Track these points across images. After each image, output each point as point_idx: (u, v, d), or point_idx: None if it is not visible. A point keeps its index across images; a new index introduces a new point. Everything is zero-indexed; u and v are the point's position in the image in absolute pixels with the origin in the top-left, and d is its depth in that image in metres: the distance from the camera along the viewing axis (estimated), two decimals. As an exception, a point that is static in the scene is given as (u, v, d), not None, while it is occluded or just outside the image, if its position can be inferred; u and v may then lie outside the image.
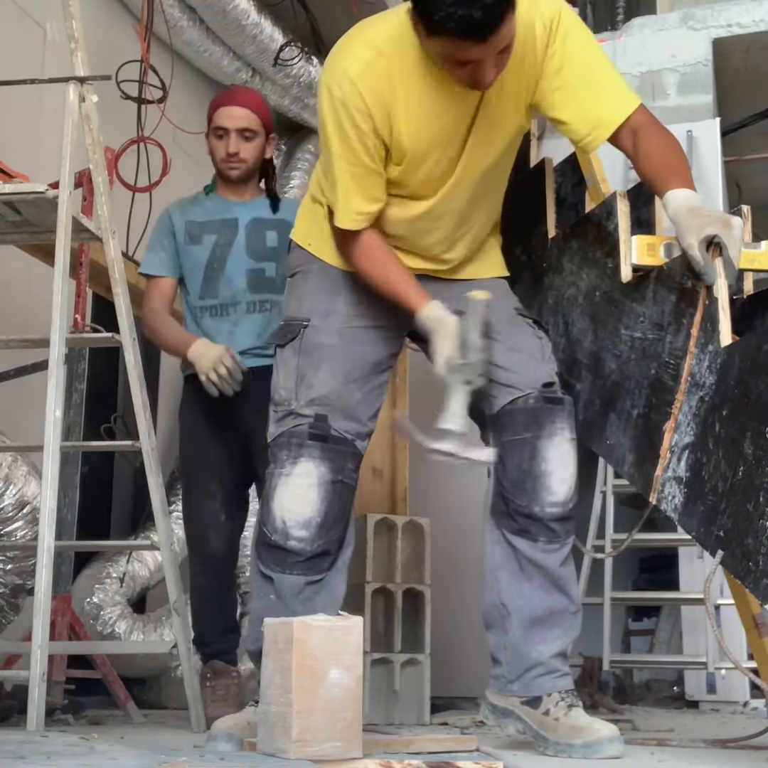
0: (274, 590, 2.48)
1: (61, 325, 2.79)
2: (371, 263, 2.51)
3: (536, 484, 2.47)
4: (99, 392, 4.39)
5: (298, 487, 2.45)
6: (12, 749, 2.00)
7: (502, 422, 2.52)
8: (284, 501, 2.45)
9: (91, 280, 3.72)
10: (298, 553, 2.45)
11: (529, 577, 2.48)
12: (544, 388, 2.52)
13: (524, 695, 2.46)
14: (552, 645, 2.47)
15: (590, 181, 2.81)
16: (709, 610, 2.34)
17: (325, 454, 2.47)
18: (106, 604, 4.19)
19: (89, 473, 4.40)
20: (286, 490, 2.46)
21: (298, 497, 2.45)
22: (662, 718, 4.07)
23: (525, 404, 2.50)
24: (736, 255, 2.19)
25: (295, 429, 2.48)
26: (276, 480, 2.47)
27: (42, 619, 2.58)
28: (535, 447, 2.48)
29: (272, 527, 2.47)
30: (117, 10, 4.96)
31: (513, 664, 2.48)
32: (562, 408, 2.52)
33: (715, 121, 5.78)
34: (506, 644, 2.49)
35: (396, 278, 2.49)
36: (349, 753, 1.94)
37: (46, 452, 2.70)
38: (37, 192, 2.87)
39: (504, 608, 2.49)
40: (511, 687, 2.48)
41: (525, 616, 2.47)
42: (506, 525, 2.50)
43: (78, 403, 3.76)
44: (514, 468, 2.49)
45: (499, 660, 2.51)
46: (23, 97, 4.05)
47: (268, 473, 2.51)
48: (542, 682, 2.45)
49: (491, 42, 2.18)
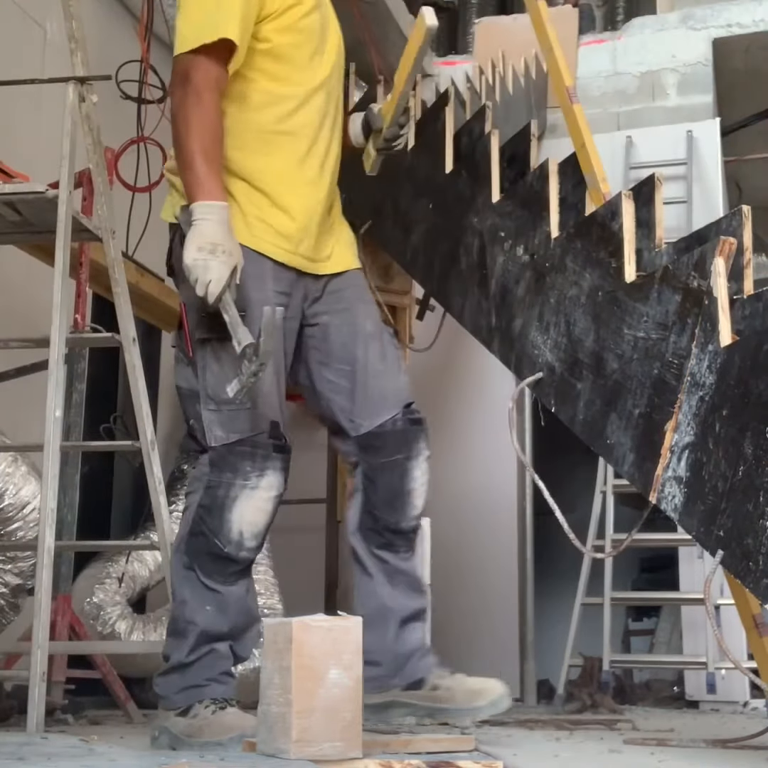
0: (215, 602, 2.40)
1: (61, 325, 2.79)
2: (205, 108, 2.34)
3: (404, 502, 2.57)
4: (99, 392, 4.39)
5: (262, 500, 2.40)
6: (12, 751, 2.00)
7: (373, 444, 2.57)
8: (246, 514, 2.38)
9: (91, 280, 3.72)
10: (242, 562, 2.41)
11: (397, 584, 2.58)
12: (406, 408, 2.61)
13: (406, 682, 2.56)
14: (420, 635, 2.61)
15: (590, 181, 2.81)
16: (709, 610, 2.34)
17: (284, 465, 2.43)
18: (106, 604, 4.18)
19: (89, 473, 4.40)
20: (250, 503, 2.38)
21: (260, 510, 2.40)
22: (662, 718, 4.07)
23: (394, 427, 2.57)
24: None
25: (258, 439, 2.39)
26: (237, 491, 2.37)
27: (42, 619, 2.58)
28: (405, 468, 2.57)
29: (226, 539, 2.38)
30: (117, 10, 4.96)
31: (392, 663, 2.57)
32: (424, 429, 2.63)
33: (715, 121, 5.79)
34: (385, 646, 2.56)
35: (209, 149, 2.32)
36: (348, 753, 1.94)
37: (46, 452, 2.70)
38: (37, 192, 2.87)
39: (381, 613, 2.57)
40: (392, 682, 2.57)
41: (399, 619, 2.58)
42: (373, 540, 2.58)
43: (78, 403, 3.76)
44: (385, 488, 2.57)
45: (378, 662, 2.53)
46: (23, 97, 4.05)
47: (222, 482, 2.38)
48: (422, 665, 2.57)
49: None
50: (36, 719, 2.49)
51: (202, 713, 2.35)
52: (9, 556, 3.55)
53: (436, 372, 5.56)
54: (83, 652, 3.68)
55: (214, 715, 2.34)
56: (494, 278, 3.02)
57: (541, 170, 2.90)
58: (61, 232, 2.83)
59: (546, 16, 3.16)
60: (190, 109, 2.35)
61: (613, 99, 6.06)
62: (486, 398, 5.50)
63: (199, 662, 2.40)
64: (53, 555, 2.68)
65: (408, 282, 4.35)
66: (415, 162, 3.55)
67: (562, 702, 4.65)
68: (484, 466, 5.56)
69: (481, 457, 5.56)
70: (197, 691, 2.39)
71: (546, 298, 2.79)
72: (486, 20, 6.61)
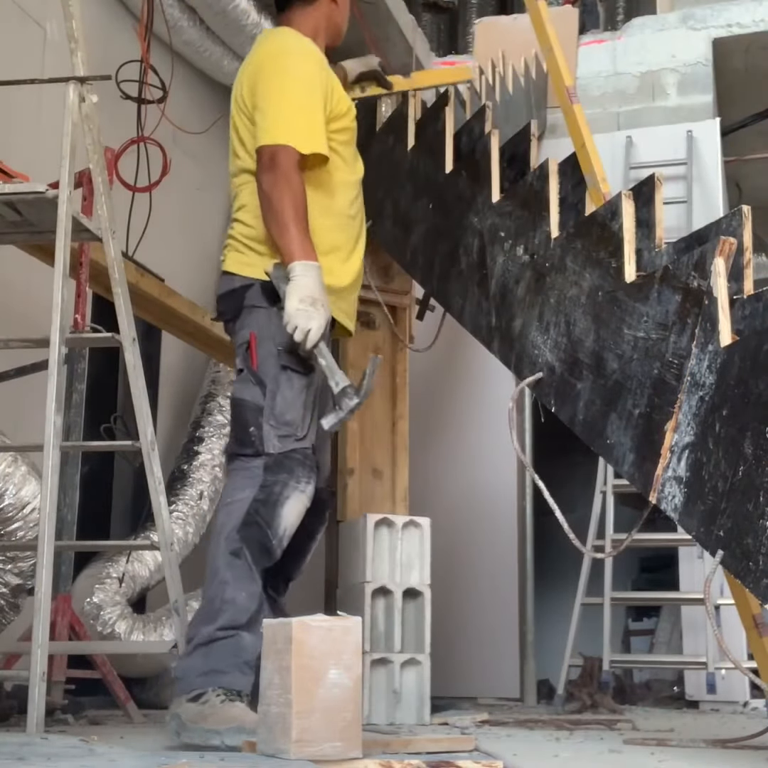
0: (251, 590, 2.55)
1: (61, 325, 2.79)
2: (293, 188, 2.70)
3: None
4: (99, 392, 4.38)
5: (303, 505, 2.66)
6: (12, 751, 2.00)
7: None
8: (292, 513, 2.63)
9: (91, 280, 3.72)
10: (274, 560, 2.61)
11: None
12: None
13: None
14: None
15: (590, 181, 2.81)
16: (709, 610, 2.34)
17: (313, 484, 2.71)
18: (106, 604, 4.18)
19: (89, 473, 4.40)
20: (296, 506, 2.64)
21: (300, 514, 2.65)
22: (662, 718, 4.07)
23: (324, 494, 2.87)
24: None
25: (308, 452, 2.69)
26: (290, 491, 2.63)
27: (42, 619, 2.58)
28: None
29: (274, 532, 2.59)
30: (117, 10, 4.95)
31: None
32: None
33: (715, 121, 5.79)
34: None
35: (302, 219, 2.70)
36: (348, 753, 1.94)
37: (46, 452, 2.70)
38: (37, 192, 2.86)
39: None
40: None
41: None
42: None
43: (78, 403, 3.76)
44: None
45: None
46: (23, 97, 4.05)
47: (278, 481, 2.62)
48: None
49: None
50: (36, 719, 2.48)
51: (212, 701, 2.43)
52: (9, 556, 3.55)
53: (436, 372, 5.56)
54: (83, 652, 3.68)
55: (222, 704, 2.42)
56: (494, 278, 3.02)
57: (541, 170, 2.89)
58: (61, 232, 2.83)
59: (546, 16, 3.16)
60: (283, 191, 2.71)
61: (613, 99, 6.06)
62: (486, 398, 5.50)
63: (224, 643, 2.49)
64: (53, 555, 2.67)
65: (408, 282, 4.35)
66: (415, 162, 3.55)
67: (562, 702, 4.65)
68: (484, 466, 5.56)
69: (481, 457, 5.56)
70: (217, 676, 2.46)
71: (546, 298, 2.78)
72: (486, 20, 6.61)
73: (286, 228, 2.68)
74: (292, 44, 2.88)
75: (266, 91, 2.80)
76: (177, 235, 5.25)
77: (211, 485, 4.84)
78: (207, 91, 5.63)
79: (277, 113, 2.76)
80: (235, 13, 5.14)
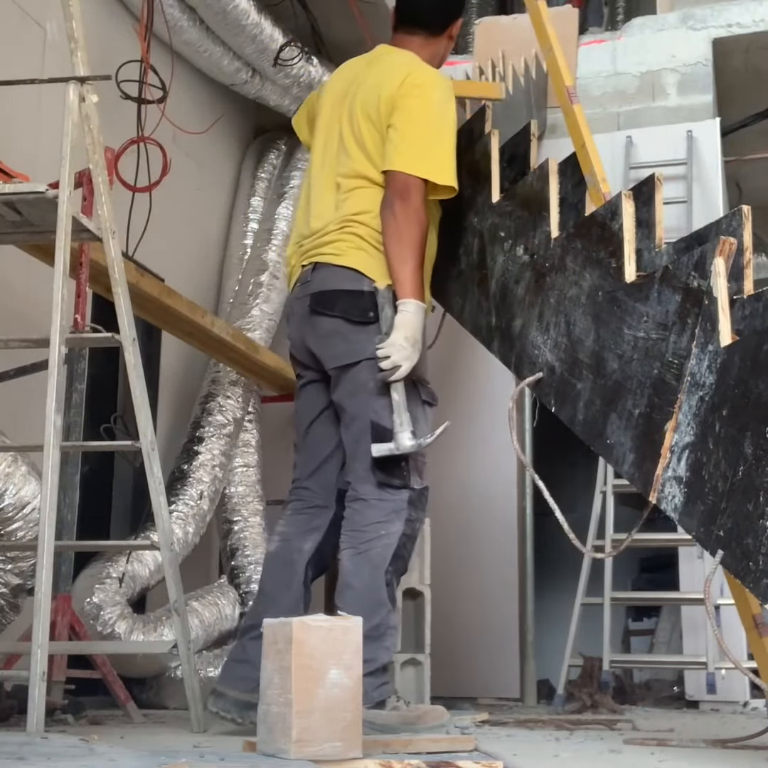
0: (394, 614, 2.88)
1: (61, 325, 2.79)
2: (421, 225, 2.89)
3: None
4: (99, 392, 4.38)
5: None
6: (12, 751, 2.00)
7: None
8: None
9: (91, 280, 3.72)
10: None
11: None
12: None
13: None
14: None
15: (590, 181, 2.81)
16: (709, 610, 2.34)
17: None
18: (106, 604, 4.18)
19: (89, 473, 4.40)
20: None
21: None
22: (662, 718, 4.06)
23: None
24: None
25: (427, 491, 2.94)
26: (420, 529, 2.93)
27: (42, 619, 2.58)
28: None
29: (407, 565, 2.91)
30: (117, 10, 4.95)
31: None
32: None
33: (715, 121, 5.78)
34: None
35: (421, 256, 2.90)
36: (349, 753, 1.94)
37: (46, 452, 2.70)
38: (37, 192, 2.86)
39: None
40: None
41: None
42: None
43: (78, 403, 3.75)
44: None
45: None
46: (23, 97, 4.05)
47: (418, 518, 2.88)
48: None
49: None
50: (36, 719, 2.49)
51: (397, 705, 2.80)
52: (9, 556, 3.55)
53: (436, 372, 5.54)
54: (83, 652, 3.68)
55: (408, 706, 2.84)
56: (494, 278, 3.02)
57: (541, 170, 2.90)
58: (61, 232, 2.83)
59: (546, 16, 3.16)
60: (414, 226, 2.88)
61: (613, 99, 6.06)
62: (486, 398, 5.50)
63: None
64: (53, 555, 2.67)
65: (408, 282, 4.33)
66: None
67: (562, 702, 4.65)
68: (484, 466, 5.56)
69: (481, 457, 5.55)
70: (388, 687, 2.82)
71: (546, 298, 2.79)
72: (486, 20, 6.60)
73: (408, 261, 2.85)
74: (439, 78, 3.07)
75: (409, 117, 2.94)
76: (177, 236, 5.26)
77: (211, 485, 4.83)
78: (207, 91, 5.63)
79: (416, 142, 2.92)
80: (235, 13, 5.14)
